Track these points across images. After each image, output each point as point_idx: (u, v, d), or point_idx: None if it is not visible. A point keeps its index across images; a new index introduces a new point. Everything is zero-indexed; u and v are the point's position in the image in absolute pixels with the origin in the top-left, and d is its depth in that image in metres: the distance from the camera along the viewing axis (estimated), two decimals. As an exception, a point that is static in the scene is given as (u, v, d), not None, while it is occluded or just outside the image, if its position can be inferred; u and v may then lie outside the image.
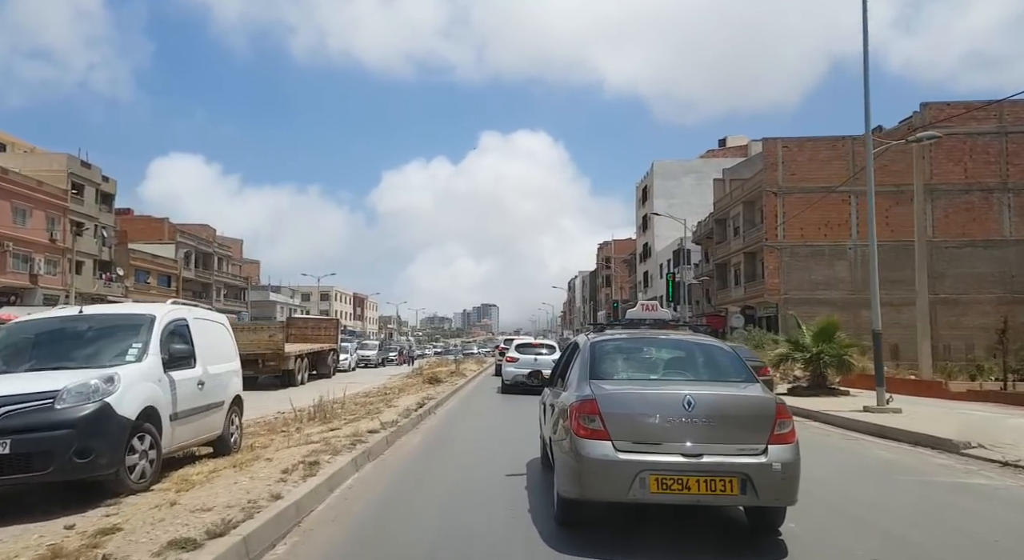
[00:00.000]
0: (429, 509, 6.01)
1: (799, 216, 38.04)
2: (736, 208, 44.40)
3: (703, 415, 4.81)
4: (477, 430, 11.71)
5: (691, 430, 4.78)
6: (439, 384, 19.02)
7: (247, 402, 9.40)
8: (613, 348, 5.95)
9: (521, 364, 18.91)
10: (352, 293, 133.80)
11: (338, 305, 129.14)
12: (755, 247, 41.66)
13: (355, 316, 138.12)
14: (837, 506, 6.32)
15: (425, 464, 8.31)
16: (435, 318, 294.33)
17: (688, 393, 4.93)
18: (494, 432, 11.41)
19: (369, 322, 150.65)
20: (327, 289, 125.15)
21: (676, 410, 4.83)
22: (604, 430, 4.84)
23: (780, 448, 4.80)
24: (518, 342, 21.94)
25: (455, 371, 23.55)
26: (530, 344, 21.09)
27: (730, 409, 4.96)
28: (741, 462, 4.72)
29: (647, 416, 4.86)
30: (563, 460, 5.13)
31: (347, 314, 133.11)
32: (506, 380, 19.31)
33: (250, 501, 5.29)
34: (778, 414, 4.91)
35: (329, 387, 19.54)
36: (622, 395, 5.12)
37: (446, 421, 12.57)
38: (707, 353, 5.92)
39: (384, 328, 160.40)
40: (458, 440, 10.46)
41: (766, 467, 4.70)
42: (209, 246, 74.78)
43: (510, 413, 14.24)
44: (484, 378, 26.99)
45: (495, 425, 12.51)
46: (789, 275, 39.04)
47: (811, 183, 39.09)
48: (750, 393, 5.18)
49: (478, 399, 17.63)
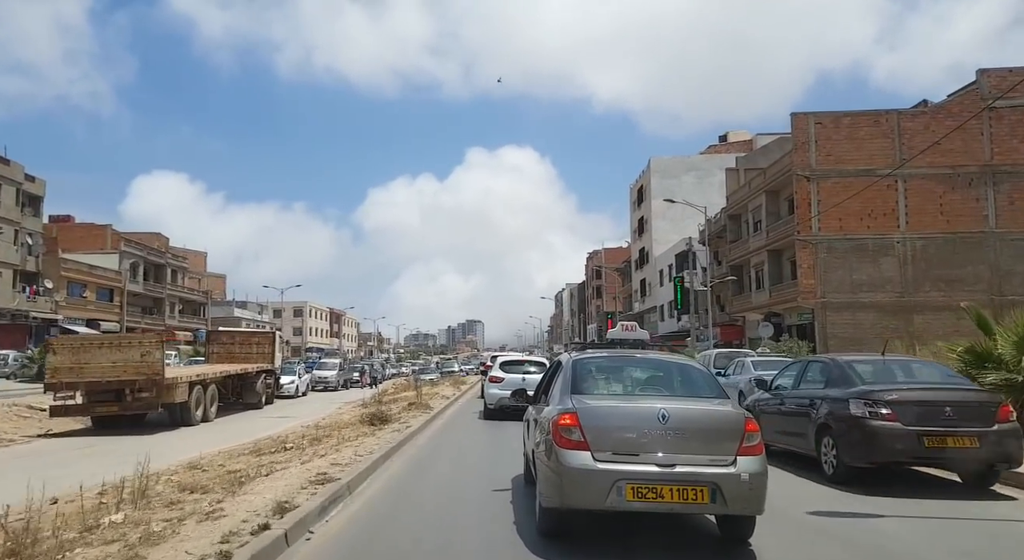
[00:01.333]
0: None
1: (837, 205, 31.84)
2: (756, 199, 38.17)
3: (676, 427, 5.07)
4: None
5: (665, 442, 5.04)
6: (385, 426, 12.32)
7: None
8: (594, 366, 6.22)
9: (507, 384, 15.62)
10: (328, 309, 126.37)
11: (313, 322, 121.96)
12: (782, 243, 35.36)
13: (331, 333, 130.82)
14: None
15: None
16: (419, 335, 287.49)
17: (663, 407, 5.19)
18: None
19: (347, 339, 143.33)
20: (300, 304, 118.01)
21: (651, 423, 5.09)
22: (584, 441, 5.09)
23: (748, 459, 5.06)
24: (503, 359, 18.99)
25: (415, 401, 16.74)
26: (517, 361, 18.81)
27: (702, 422, 5.24)
28: (711, 472, 4.96)
29: (624, 428, 5.13)
30: (545, 470, 5.37)
31: (322, 331, 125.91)
32: (489, 403, 16.66)
33: None
34: (747, 427, 5.17)
35: (239, 426, 13.71)
36: (601, 408, 5.37)
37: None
38: (682, 371, 6.25)
39: (364, 346, 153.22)
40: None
41: (734, 477, 4.95)
42: (161, 257, 67.58)
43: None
44: (463, 408, 20.22)
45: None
46: (827, 274, 32.74)
47: (850, 165, 32.98)
48: (721, 408, 5.47)
49: (447, 450, 10.95)
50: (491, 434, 13.12)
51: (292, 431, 14.14)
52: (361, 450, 9.28)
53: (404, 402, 18.18)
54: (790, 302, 34.23)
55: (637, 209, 68.83)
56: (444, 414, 16.94)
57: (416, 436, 11.98)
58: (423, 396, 19.90)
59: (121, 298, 58.87)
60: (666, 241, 60.44)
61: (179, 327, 69.26)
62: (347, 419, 14.48)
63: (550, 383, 6.64)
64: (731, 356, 20.56)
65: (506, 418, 14.78)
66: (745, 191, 39.78)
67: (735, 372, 17.57)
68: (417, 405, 16.40)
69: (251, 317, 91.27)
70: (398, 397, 21.92)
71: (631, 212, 72.58)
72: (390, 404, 17.75)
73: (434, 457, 10.03)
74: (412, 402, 16.93)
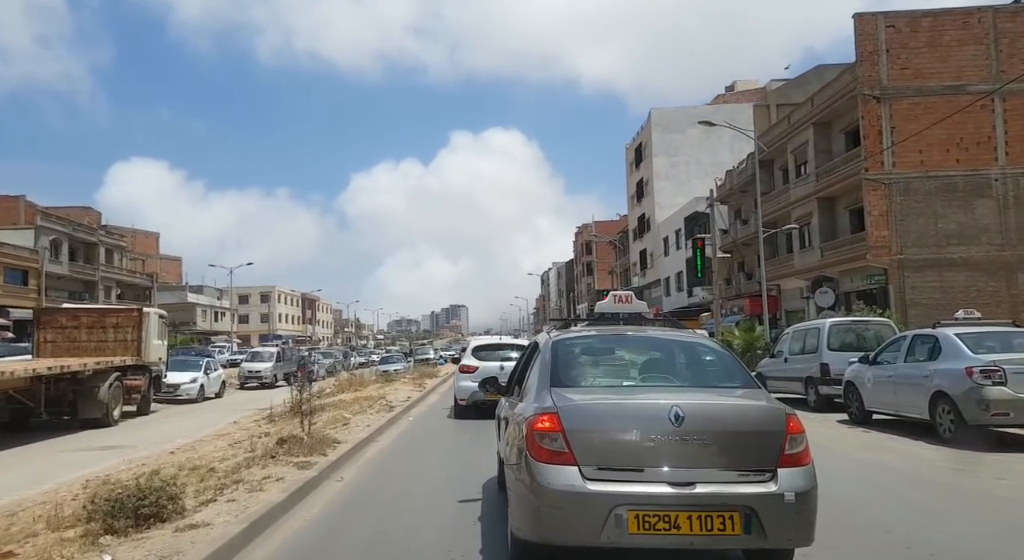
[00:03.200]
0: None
1: (916, 133, 24.16)
2: (800, 136, 30.36)
3: (695, 431, 3.72)
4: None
5: (680, 451, 3.70)
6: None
7: None
8: (580, 348, 4.84)
9: (482, 375, 11.48)
10: (300, 294, 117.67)
11: (283, 308, 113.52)
12: (838, 187, 27.64)
13: (304, 319, 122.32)
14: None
15: None
16: (402, 320, 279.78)
17: (676, 403, 3.79)
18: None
19: (323, 326, 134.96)
20: (268, 289, 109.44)
21: (661, 425, 3.73)
22: (568, 452, 3.74)
23: (793, 472, 3.74)
24: (476, 344, 15.93)
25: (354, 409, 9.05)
26: (494, 345, 15.72)
27: (729, 423, 3.88)
28: (744, 492, 3.66)
29: (624, 433, 3.79)
30: (517, 490, 3.99)
31: (294, 318, 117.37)
32: (460, 398, 13.64)
33: None
34: (789, 428, 3.83)
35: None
36: (591, 406, 4.02)
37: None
38: (694, 353, 4.83)
39: (341, 332, 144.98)
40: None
41: (776, 498, 3.65)
42: (91, 234, 58.77)
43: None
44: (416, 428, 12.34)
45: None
46: (904, 223, 25.12)
47: (932, 80, 25.31)
48: (753, 402, 4.10)
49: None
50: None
51: (70, 490, 6.48)
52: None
53: (335, 411, 11.43)
54: (852, 262, 26.58)
55: (635, 171, 60.90)
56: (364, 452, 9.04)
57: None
58: (362, 403, 12.42)
59: (39, 280, 50.27)
60: (671, 205, 52.76)
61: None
62: (220, 450, 6.68)
63: (525, 370, 5.21)
64: (864, 328, 12.99)
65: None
66: (782, 128, 31.95)
67: (919, 355, 10.04)
68: (321, 443, 8.41)
69: (209, 303, 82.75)
70: (326, 404, 14.11)
71: (628, 175, 64.65)
72: (319, 413, 11.07)
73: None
74: (285, 433, 8.90)
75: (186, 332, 77.01)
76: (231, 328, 75.86)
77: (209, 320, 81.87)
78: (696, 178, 53.46)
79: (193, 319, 79.09)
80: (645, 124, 57.45)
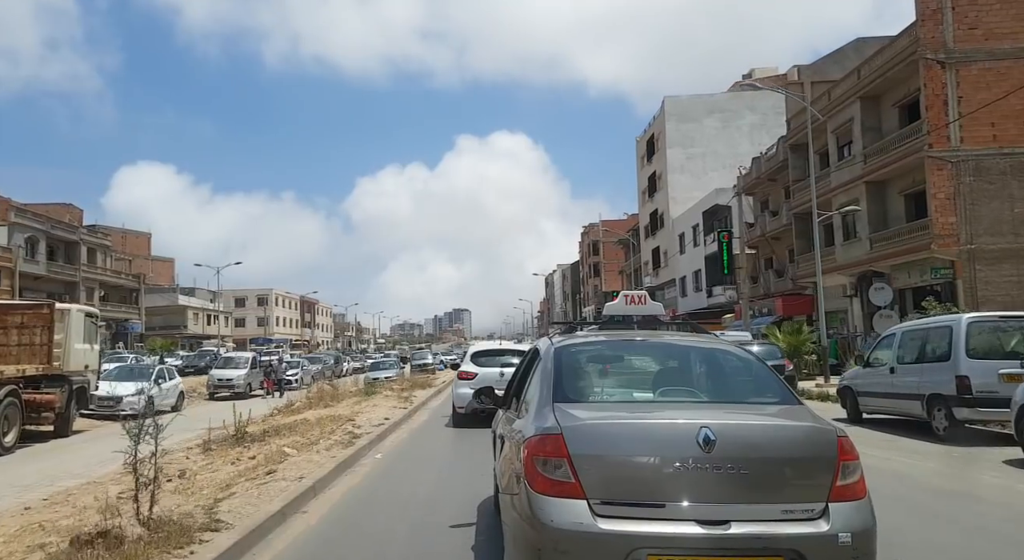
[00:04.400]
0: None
1: (988, 103, 20.67)
2: (844, 113, 26.87)
3: (729, 457, 3.06)
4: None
5: (711, 482, 3.06)
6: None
7: None
8: (587, 356, 4.22)
9: (480, 381, 11.70)
10: (298, 297, 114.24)
11: (281, 311, 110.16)
12: (892, 170, 24.11)
13: (303, 323, 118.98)
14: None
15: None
16: (405, 324, 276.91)
17: (705, 423, 3.14)
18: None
19: (322, 329, 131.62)
20: (265, 292, 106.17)
21: (687, 449, 3.07)
22: (575, 482, 3.09)
23: (847, 507, 3.10)
24: (475, 349, 15.85)
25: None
26: (493, 351, 15.33)
27: (770, 447, 3.18)
28: (790, 533, 3.01)
29: (642, 459, 3.13)
30: (514, 526, 3.31)
31: (292, 321, 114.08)
32: (458, 406, 13.25)
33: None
34: (841, 453, 3.18)
35: None
36: (602, 426, 3.30)
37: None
38: (719, 363, 4.21)
39: (341, 336, 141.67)
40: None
41: (828, 540, 3.00)
42: (72, 232, 55.52)
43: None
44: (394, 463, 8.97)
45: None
46: (975, 208, 21.60)
47: (1006, 42, 21.86)
48: (797, 422, 3.36)
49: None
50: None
51: None
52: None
53: (286, 437, 8.62)
54: (910, 254, 23.05)
55: (647, 164, 57.43)
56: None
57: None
58: (326, 425, 9.08)
59: (12, 280, 47.03)
60: (686, 199, 49.27)
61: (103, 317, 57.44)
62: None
63: (524, 380, 4.56)
64: (1017, 326, 9.41)
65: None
66: (820, 105, 28.45)
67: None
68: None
69: (201, 306, 79.42)
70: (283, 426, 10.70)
71: (639, 170, 61.18)
72: (265, 441, 8.72)
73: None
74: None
75: (177, 336, 74.00)
76: (219, 331, 72.51)
77: (201, 323, 78.45)
78: (713, 171, 50.02)
79: (184, 322, 75.76)
80: (658, 114, 53.99)
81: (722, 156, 50.69)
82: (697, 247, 44.69)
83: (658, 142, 53.97)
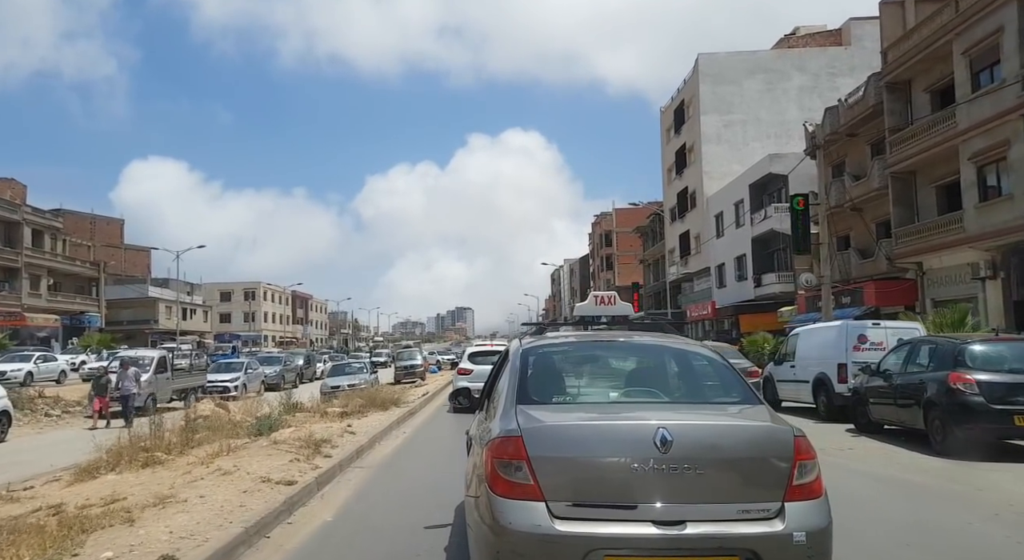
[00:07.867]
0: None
1: None
2: (986, 22, 19.30)
3: (686, 457, 3.12)
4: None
5: (667, 482, 3.10)
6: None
7: None
8: (553, 358, 4.25)
9: (475, 377, 14.90)
10: (289, 291, 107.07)
11: (271, 306, 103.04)
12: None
13: (295, 319, 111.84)
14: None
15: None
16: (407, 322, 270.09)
17: (661, 423, 3.18)
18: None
19: (316, 326, 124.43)
20: (252, 286, 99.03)
21: (644, 450, 3.11)
22: (534, 484, 3.13)
23: (803, 507, 3.14)
24: (471, 350, 18.43)
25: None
26: (487, 351, 17.32)
27: (726, 447, 3.20)
28: (745, 532, 3.05)
29: (600, 460, 3.16)
30: (477, 529, 3.34)
31: (283, 317, 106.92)
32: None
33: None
34: (798, 453, 3.21)
35: None
36: (561, 428, 3.34)
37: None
38: (686, 363, 4.23)
39: (337, 333, 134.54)
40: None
41: (783, 539, 3.03)
42: (14, 211, 48.28)
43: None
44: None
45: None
46: None
47: None
48: (753, 421, 3.43)
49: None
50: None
51: None
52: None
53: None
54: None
55: (674, 137, 49.88)
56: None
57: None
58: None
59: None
60: (724, 174, 41.87)
61: (47, 309, 50.28)
62: None
63: (495, 381, 4.60)
64: None
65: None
66: (942, 21, 20.85)
67: None
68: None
69: (174, 298, 72.14)
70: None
71: (663, 146, 53.65)
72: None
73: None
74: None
75: (146, 331, 66.89)
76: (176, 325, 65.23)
77: (175, 318, 71.19)
78: (755, 140, 42.58)
79: (155, 317, 68.53)
80: (689, 76, 46.43)
81: (765, 124, 43.25)
82: (742, 227, 37.17)
83: (689, 109, 46.42)
